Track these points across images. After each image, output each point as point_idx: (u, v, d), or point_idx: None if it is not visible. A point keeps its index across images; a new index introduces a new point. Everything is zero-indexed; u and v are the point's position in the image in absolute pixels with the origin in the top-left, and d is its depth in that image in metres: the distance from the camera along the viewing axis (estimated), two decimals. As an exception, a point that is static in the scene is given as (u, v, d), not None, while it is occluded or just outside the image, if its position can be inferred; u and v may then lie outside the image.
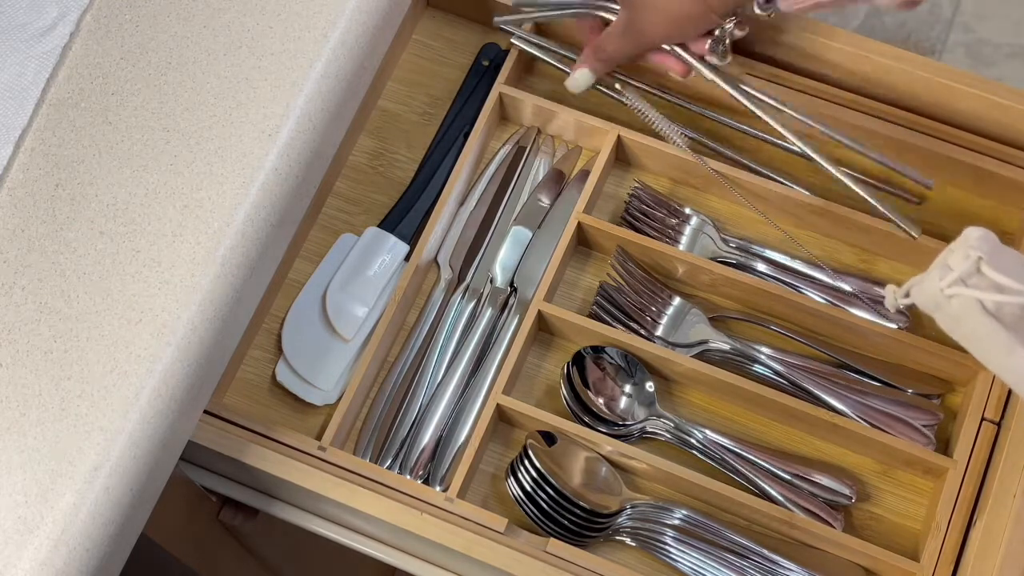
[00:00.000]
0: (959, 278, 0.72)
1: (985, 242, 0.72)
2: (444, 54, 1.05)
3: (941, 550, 0.87)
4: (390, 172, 1.01)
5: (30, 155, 0.86)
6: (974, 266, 0.71)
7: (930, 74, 0.96)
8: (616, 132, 0.98)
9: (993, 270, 0.71)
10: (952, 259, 0.72)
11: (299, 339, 0.94)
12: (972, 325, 0.72)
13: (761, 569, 0.88)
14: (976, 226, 0.73)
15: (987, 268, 0.71)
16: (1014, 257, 0.72)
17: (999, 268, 0.71)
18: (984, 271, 0.71)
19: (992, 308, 0.71)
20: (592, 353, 0.93)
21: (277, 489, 0.93)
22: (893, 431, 0.91)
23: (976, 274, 0.71)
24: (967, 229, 0.73)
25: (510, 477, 0.89)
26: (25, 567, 0.76)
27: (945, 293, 0.72)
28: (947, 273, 0.72)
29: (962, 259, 0.72)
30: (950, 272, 0.72)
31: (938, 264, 0.73)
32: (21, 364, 0.81)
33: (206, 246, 0.84)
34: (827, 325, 0.94)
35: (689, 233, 0.98)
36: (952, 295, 0.72)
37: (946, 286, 0.72)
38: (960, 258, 0.72)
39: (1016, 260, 0.72)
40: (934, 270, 0.73)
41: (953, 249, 0.73)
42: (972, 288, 0.71)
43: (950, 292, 0.72)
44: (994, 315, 0.71)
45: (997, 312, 0.71)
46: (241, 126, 0.87)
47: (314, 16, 0.90)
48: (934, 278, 0.73)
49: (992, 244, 0.72)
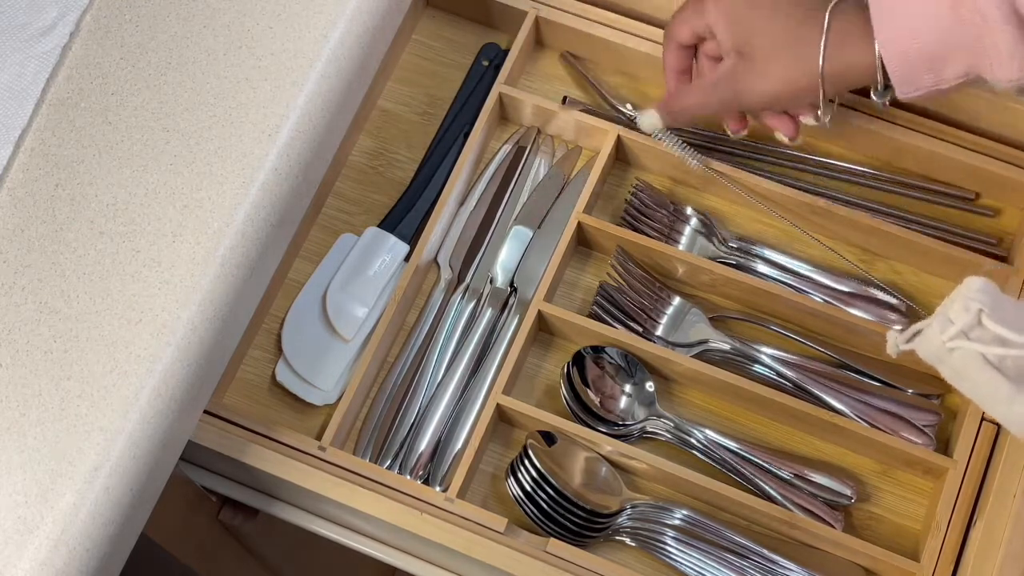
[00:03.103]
0: (960, 331, 0.70)
1: (985, 293, 0.70)
2: (444, 54, 1.05)
3: (941, 550, 0.87)
4: (390, 172, 1.01)
5: (30, 155, 0.86)
6: (975, 319, 0.70)
7: (930, 74, 0.96)
8: (616, 132, 0.98)
9: (994, 323, 0.69)
10: (952, 311, 0.71)
11: (299, 339, 0.94)
12: (975, 377, 0.71)
13: (761, 569, 0.88)
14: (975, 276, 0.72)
15: (988, 320, 0.70)
16: (1015, 306, 0.71)
17: (1000, 320, 0.70)
18: (985, 323, 0.70)
19: (995, 361, 0.70)
20: (592, 353, 0.93)
21: (277, 489, 0.93)
22: (893, 431, 0.91)
23: (977, 326, 0.70)
24: (967, 279, 0.71)
25: (510, 477, 0.89)
26: (25, 567, 0.76)
27: (947, 347, 0.71)
28: (948, 326, 0.71)
29: (962, 311, 0.70)
30: (951, 325, 0.71)
31: (938, 316, 0.72)
32: (21, 364, 0.81)
33: (206, 246, 0.84)
34: (827, 325, 0.94)
35: (689, 233, 0.98)
36: (954, 348, 0.71)
37: (947, 339, 0.71)
38: (960, 310, 0.70)
39: (1017, 309, 0.71)
40: (935, 323, 0.72)
41: (953, 299, 0.71)
42: (974, 341, 0.70)
43: (951, 345, 0.71)
44: (997, 367, 0.70)
45: (1000, 364, 0.70)
46: (241, 126, 0.87)
47: (314, 16, 0.90)
48: (935, 331, 0.72)
49: (993, 295, 0.71)
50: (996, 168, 0.96)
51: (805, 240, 0.98)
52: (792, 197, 0.96)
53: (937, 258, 0.95)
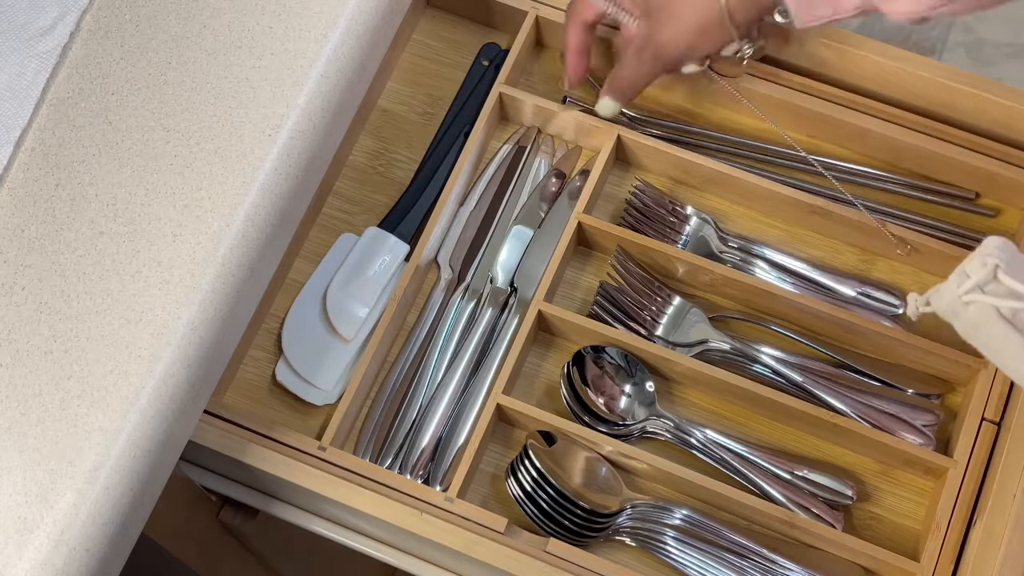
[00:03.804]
0: (976, 285, 0.73)
1: (1003, 250, 0.73)
2: (444, 54, 1.05)
3: (941, 550, 0.87)
4: (390, 172, 1.01)
5: (30, 155, 0.86)
6: (991, 273, 0.72)
7: (930, 74, 0.96)
8: (616, 132, 0.98)
9: (1009, 277, 0.72)
10: (970, 266, 0.74)
11: (299, 339, 0.94)
12: (989, 331, 0.73)
13: (761, 569, 0.88)
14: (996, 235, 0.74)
15: (1003, 275, 0.72)
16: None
17: (1016, 276, 0.72)
18: (1000, 278, 0.72)
19: (1008, 314, 0.72)
20: (592, 353, 0.93)
21: (277, 489, 0.93)
22: (893, 431, 0.91)
23: (993, 281, 0.72)
24: (987, 238, 0.74)
25: (510, 477, 0.89)
26: (25, 567, 0.76)
27: (962, 300, 0.73)
28: (964, 280, 0.73)
29: (979, 267, 0.73)
30: (967, 279, 0.73)
31: (957, 271, 0.74)
32: (21, 364, 0.81)
33: (206, 246, 0.84)
34: (827, 325, 0.94)
35: (689, 233, 0.98)
36: (969, 302, 0.73)
37: (963, 293, 0.73)
38: (978, 265, 0.73)
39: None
40: (953, 277, 0.74)
41: (972, 257, 0.74)
42: (989, 295, 0.72)
43: (967, 299, 0.73)
44: (1010, 321, 0.72)
45: (1013, 319, 0.72)
46: (241, 126, 0.87)
47: (314, 16, 0.90)
48: (952, 285, 0.74)
49: (1010, 252, 0.73)
50: (996, 168, 0.96)
51: (805, 240, 0.98)
52: (792, 197, 0.96)
53: (937, 258, 0.95)
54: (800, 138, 1.00)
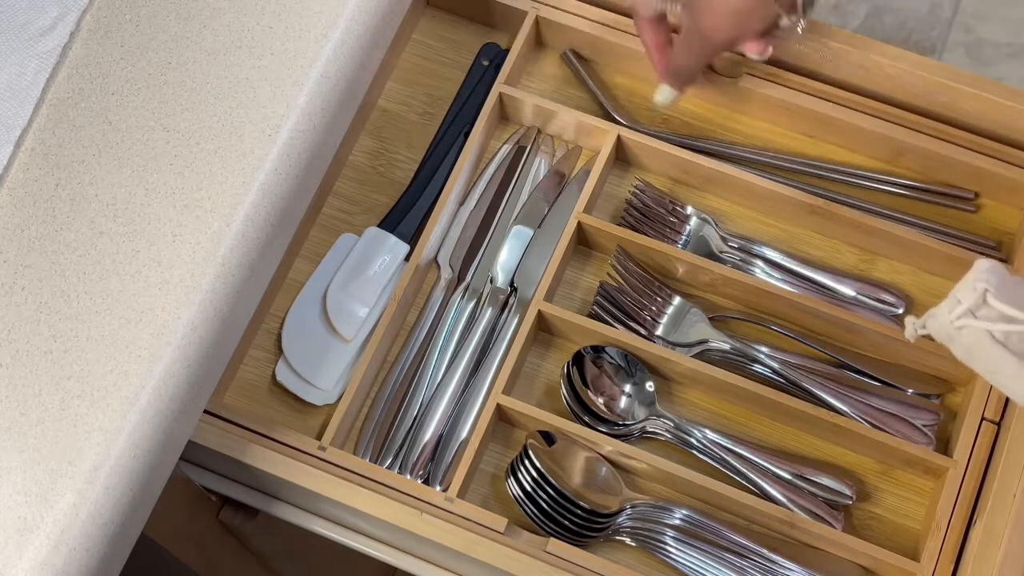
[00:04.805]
0: (968, 310, 0.74)
1: (992, 274, 0.74)
2: (444, 54, 1.05)
3: (941, 550, 0.87)
4: (390, 172, 1.01)
5: (30, 155, 0.86)
6: (981, 298, 0.73)
7: (930, 74, 0.96)
8: (616, 132, 0.98)
9: (999, 301, 0.73)
10: (960, 292, 0.74)
11: (299, 339, 0.94)
12: (983, 355, 0.74)
13: (761, 569, 0.88)
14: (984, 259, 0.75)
15: (993, 299, 0.73)
16: (1022, 285, 0.74)
17: (1006, 299, 0.73)
18: (991, 302, 0.73)
19: (1001, 337, 0.73)
20: (592, 353, 0.93)
21: (277, 489, 0.93)
22: (893, 431, 0.91)
23: (984, 305, 0.73)
24: (977, 261, 0.75)
25: (510, 477, 0.89)
26: (25, 567, 0.76)
27: (955, 325, 0.74)
28: (956, 306, 0.74)
29: (970, 292, 0.74)
30: (959, 304, 0.74)
31: (949, 297, 0.75)
32: (21, 364, 0.81)
33: (206, 246, 0.84)
34: (827, 325, 0.94)
35: (689, 233, 0.98)
36: (962, 327, 0.74)
37: (955, 318, 0.74)
38: (968, 291, 0.74)
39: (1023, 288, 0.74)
40: (945, 303, 0.75)
41: (962, 282, 0.75)
42: (981, 319, 0.73)
43: (959, 324, 0.74)
44: (1003, 344, 0.73)
45: (1005, 341, 0.73)
46: (241, 126, 0.87)
47: (314, 16, 0.90)
48: (944, 311, 0.75)
49: (999, 276, 0.74)
50: (996, 168, 0.96)
51: (805, 240, 0.98)
52: (793, 197, 0.96)
53: (937, 258, 0.95)
54: (800, 138, 1.00)
